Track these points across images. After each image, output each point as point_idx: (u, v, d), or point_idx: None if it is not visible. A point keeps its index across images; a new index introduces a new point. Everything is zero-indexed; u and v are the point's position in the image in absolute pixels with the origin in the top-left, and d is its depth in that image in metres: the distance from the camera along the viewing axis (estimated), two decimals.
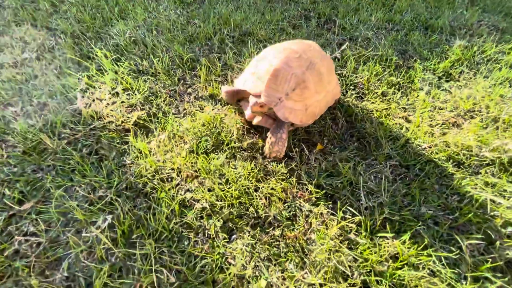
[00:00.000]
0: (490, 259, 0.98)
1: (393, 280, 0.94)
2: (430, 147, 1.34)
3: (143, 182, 1.19)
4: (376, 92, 1.61)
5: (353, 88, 1.65)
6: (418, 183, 1.20)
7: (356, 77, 1.69)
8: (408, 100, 1.58)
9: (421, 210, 1.11)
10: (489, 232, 1.04)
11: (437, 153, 1.31)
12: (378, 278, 0.95)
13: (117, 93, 1.56)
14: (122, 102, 1.51)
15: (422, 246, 1.00)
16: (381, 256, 0.99)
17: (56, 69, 1.70)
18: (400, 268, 0.97)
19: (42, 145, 1.31)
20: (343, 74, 1.71)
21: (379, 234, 1.05)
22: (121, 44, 1.84)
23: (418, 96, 1.60)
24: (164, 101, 1.54)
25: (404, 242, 1.01)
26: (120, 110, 1.47)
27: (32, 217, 1.09)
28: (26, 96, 1.56)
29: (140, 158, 1.27)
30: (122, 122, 1.42)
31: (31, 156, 1.28)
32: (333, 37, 2.02)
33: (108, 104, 1.49)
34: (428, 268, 0.97)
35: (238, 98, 1.41)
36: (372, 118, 1.47)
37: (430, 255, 0.98)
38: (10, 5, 2.12)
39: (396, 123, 1.45)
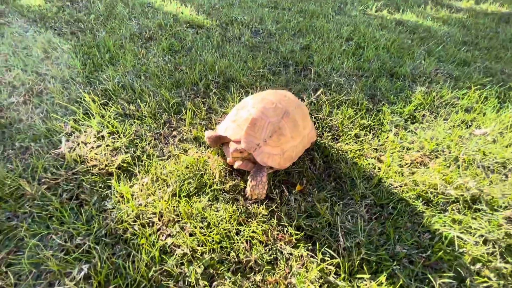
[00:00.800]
0: None
1: None
2: (401, 186, 1.43)
3: (123, 227, 1.18)
4: (350, 134, 1.74)
5: (328, 130, 1.78)
6: (392, 222, 1.27)
7: (331, 120, 1.84)
8: (379, 141, 1.72)
9: (396, 249, 1.16)
10: (459, 269, 1.10)
11: (407, 192, 1.40)
12: None
13: (103, 137, 1.59)
14: (107, 145, 1.54)
15: (398, 286, 1.03)
16: None
17: (42, 113, 1.74)
18: None
19: (20, 190, 1.29)
20: (319, 117, 1.86)
21: (357, 276, 1.07)
22: (110, 89, 1.92)
23: (387, 137, 1.74)
24: (149, 144, 1.59)
25: (381, 284, 1.04)
26: (105, 154, 1.49)
27: (2, 270, 1.04)
28: (8, 140, 1.56)
29: (122, 203, 1.27)
30: (106, 165, 1.43)
31: (7, 203, 1.25)
32: (309, 83, 2.21)
33: (92, 147, 1.52)
34: None
35: (221, 143, 1.48)
36: (347, 158, 1.57)
37: None
38: (2, 51, 2.20)
39: (369, 163, 1.55)
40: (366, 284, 1.04)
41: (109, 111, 1.75)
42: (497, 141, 1.73)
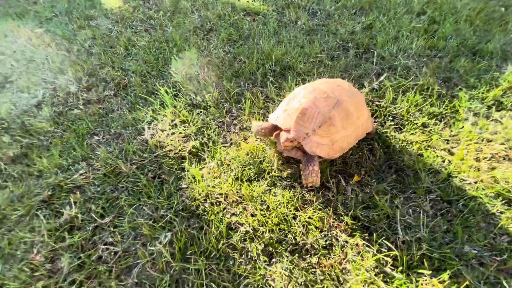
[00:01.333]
0: None
1: None
2: (475, 182, 1.30)
3: (196, 204, 1.39)
4: (416, 123, 1.62)
5: (392, 119, 1.68)
6: (461, 220, 1.18)
7: (395, 107, 1.73)
8: (451, 131, 1.56)
9: (464, 249, 1.10)
10: None
11: (483, 189, 1.27)
12: None
13: (176, 125, 1.83)
14: (180, 133, 1.77)
15: (464, 286, 0.99)
16: None
17: (128, 104, 2.07)
18: None
19: (118, 169, 1.61)
20: (381, 105, 1.76)
21: (417, 270, 1.06)
22: (179, 81, 2.16)
23: (463, 127, 1.57)
24: (213, 131, 1.77)
25: (443, 281, 1.01)
26: (178, 140, 1.72)
27: (111, 229, 1.35)
28: (106, 127, 1.92)
29: (194, 183, 1.48)
30: (180, 150, 1.66)
31: (110, 178, 1.57)
32: (372, 67, 2.08)
33: (168, 134, 1.77)
34: None
35: (273, 132, 1.54)
36: (411, 150, 1.48)
37: None
38: (96, 52, 2.64)
39: (437, 156, 1.44)
40: (426, 280, 1.03)
41: (179, 101, 1.98)
42: None
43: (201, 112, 1.91)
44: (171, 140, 1.72)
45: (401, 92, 1.82)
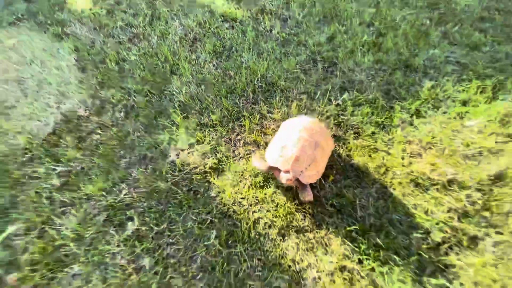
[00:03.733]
0: None
1: None
2: (401, 174, 2.11)
3: (226, 207, 1.98)
4: (367, 131, 2.34)
5: (351, 128, 2.38)
6: (391, 199, 1.99)
7: (353, 119, 2.42)
8: (389, 136, 2.32)
9: (393, 217, 1.91)
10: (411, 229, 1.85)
11: (404, 178, 2.08)
12: None
13: (193, 144, 2.29)
14: (197, 151, 2.25)
15: (392, 238, 1.81)
16: None
17: (142, 125, 2.41)
18: None
19: (157, 187, 2.08)
20: (344, 118, 2.43)
21: (368, 233, 1.85)
22: (183, 101, 2.53)
23: (396, 132, 2.34)
24: (224, 147, 2.28)
25: (382, 239, 1.83)
26: (198, 158, 2.21)
27: (168, 234, 1.89)
28: (130, 149, 2.29)
29: (222, 192, 2.04)
30: (203, 166, 2.17)
31: (152, 195, 2.05)
32: (336, 81, 2.69)
33: (188, 153, 2.24)
34: None
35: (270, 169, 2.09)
36: (364, 152, 2.22)
37: None
38: (88, 68, 2.75)
39: (380, 156, 2.20)
40: (374, 240, 1.83)
41: (189, 122, 2.40)
42: (482, 132, 2.29)
43: (209, 131, 2.37)
44: (192, 158, 2.21)
45: (358, 105, 2.50)
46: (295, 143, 1.86)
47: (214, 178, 2.10)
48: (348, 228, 1.86)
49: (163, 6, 3.33)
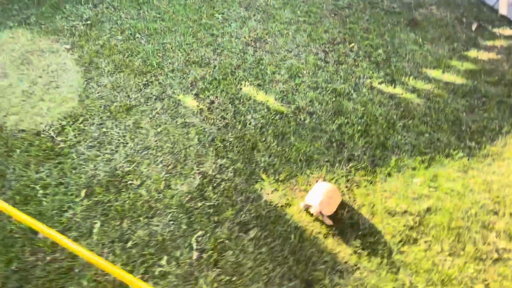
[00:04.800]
0: None
1: None
2: None
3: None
4: (361, 184, 4.47)
5: (352, 182, 4.51)
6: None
7: (349, 176, 4.56)
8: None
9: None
10: None
11: None
12: None
13: (276, 190, 4.38)
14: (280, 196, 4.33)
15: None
16: None
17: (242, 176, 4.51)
18: None
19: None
20: (350, 178, 4.57)
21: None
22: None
23: (379, 184, 4.48)
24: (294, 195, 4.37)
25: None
26: (279, 198, 4.29)
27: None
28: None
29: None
30: (287, 203, 4.24)
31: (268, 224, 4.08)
32: (344, 153, 4.88)
33: (268, 194, 4.32)
34: None
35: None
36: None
37: None
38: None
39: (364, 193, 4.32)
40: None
41: (273, 178, 4.51)
42: (421, 185, 4.45)
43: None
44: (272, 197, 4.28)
45: (357, 169, 4.66)
46: (322, 194, 3.99)
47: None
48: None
49: (241, 106, 5.60)
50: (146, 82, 5.80)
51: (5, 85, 5.47)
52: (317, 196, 3.86)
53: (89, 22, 7.05)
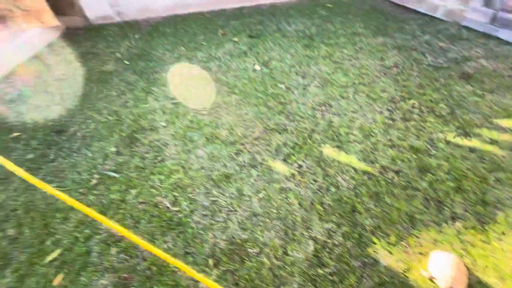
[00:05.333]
0: None
1: None
2: None
3: None
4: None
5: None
6: None
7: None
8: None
9: None
10: None
11: None
12: None
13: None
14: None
15: None
16: None
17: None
18: None
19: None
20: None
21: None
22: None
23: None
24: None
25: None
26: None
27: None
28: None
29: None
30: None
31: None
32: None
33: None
34: None
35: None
36: None
37: None
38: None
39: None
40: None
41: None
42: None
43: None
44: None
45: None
46: (450, 267, 3.98)
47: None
48: None
49: (328, 168, 6.03)
50: (237, 151, 6.50)
51: (120, 161, 6.36)
52: (445, 270, 3.90)
53: (175, 101, 8.30)
